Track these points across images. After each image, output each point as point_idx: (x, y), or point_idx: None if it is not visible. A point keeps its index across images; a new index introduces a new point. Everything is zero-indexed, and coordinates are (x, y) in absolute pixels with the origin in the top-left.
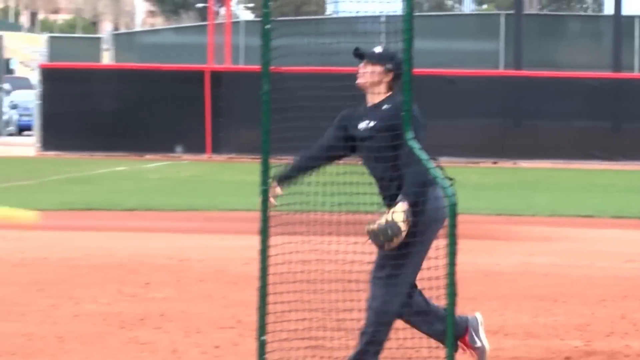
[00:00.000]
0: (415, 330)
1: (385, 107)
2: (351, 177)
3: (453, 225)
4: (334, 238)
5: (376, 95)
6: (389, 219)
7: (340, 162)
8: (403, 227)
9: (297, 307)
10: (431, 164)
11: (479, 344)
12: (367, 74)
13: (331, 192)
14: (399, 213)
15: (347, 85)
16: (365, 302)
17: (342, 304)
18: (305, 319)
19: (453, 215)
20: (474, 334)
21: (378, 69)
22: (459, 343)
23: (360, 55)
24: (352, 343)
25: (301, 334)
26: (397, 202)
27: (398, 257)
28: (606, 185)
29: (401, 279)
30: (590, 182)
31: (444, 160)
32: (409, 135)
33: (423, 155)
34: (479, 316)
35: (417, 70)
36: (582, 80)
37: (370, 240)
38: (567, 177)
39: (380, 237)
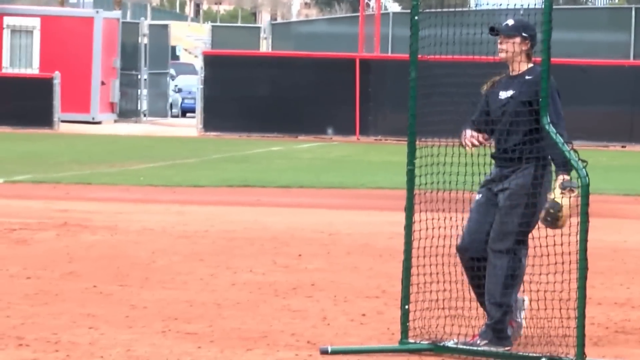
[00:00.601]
0: (548, 302)
1: (527, 77)
2: (483, 159)
3: (585, 204)
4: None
5: (518, 65)
6: (549, 199)
7: (481, 143)
8: (561, 201)
9: (439, 278)
10: (566, 148)
11: (519, 319)
12: (507, 47)
13: (472, 172)
14: (554, 190)
15: (488, 72)
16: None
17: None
18: (446, 290)
19: (586, 194)
20: (517, 311)
21: (516, 40)
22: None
23: (495, 31)
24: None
25: (442, 304)
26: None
27: (518, 230)
28: None
29: (522, 250)
30: None
31: (575, 144)
32: (546, 120)
33: (559, 139)
34: (526, 299)
35: (552, 60)
36: None
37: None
38: None
39: (548, 219)
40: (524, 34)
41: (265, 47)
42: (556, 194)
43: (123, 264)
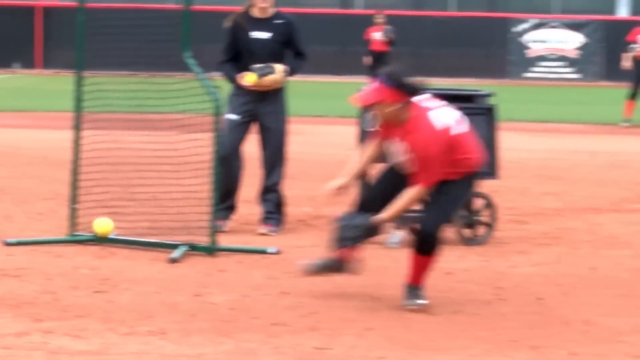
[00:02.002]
0: (189, 200)
1: (279, 21)
2: (143, 86)
3: (217, 122)
4: (130, 132)
5: (267, 11)
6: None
7: (136, 75)
8: (277, 71)
9: (101, 183)
10: (203, 76)
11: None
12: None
13: (129, 97)
14: (277, 67)
15: (144, 17)
16: None
17: (134, 181)
18: (107, 192)
19: (217, 114)
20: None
21: None
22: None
23: None
24: (142, 210)
25: (103, 203)
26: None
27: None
28: (335, 94)
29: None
30: (323, 91)
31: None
32: (187, 54)
33: (198, 69)
34: None
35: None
36: (319, 15)
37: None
38: (306, 87)
39: (262, 70)
40: None
41: None
42: (278, 67)
43: None
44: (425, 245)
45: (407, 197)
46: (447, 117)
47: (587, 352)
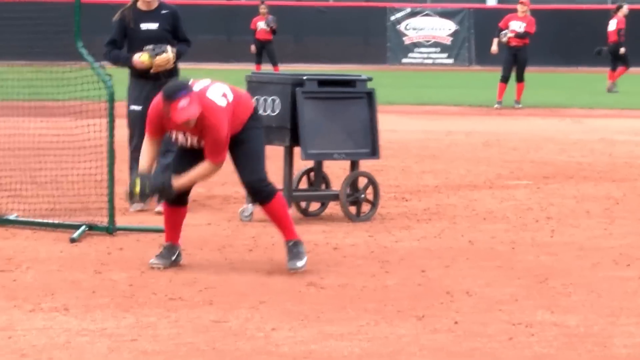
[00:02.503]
0: (87, 183)
1: (164, 11)
2: (37, 74)
3: (112, 107)
4: (27, 118)
5: (153, 3)
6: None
7: (32, 64)
8: (169, 51)
9: (2, 167)
10: (96, 64)
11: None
12: None
13: (22, 85)
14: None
15: (38, 9)
16: None
17: (35, 165)
18: (9, 176)
19: (111, 100)
20: None
21: None
22: None
23: None
24: (42, 192)
25: (5, 186)
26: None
27: None
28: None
29: None
30: (212, 77)
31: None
32: (79, 44)
33: (91, 59)
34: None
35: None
36: (207, 6)
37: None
38: (196, 74)
39: (154, 50)
40: None
41: None
42: (167, 47)
43: None
44: (262, 194)
45: (201, 170)
46: (221, 90)
47: (469, 320)
